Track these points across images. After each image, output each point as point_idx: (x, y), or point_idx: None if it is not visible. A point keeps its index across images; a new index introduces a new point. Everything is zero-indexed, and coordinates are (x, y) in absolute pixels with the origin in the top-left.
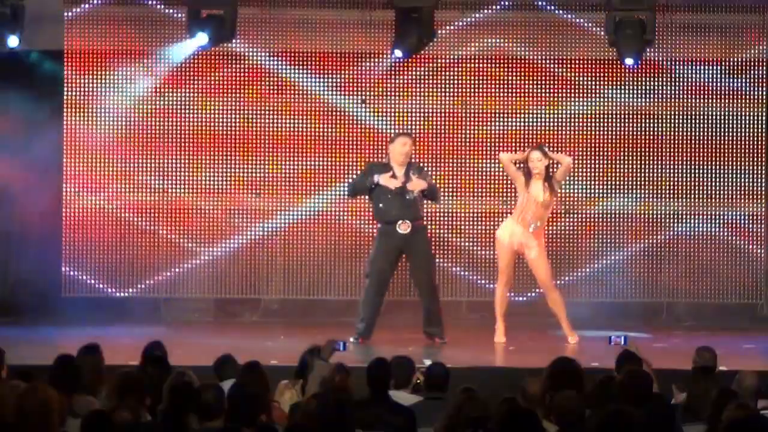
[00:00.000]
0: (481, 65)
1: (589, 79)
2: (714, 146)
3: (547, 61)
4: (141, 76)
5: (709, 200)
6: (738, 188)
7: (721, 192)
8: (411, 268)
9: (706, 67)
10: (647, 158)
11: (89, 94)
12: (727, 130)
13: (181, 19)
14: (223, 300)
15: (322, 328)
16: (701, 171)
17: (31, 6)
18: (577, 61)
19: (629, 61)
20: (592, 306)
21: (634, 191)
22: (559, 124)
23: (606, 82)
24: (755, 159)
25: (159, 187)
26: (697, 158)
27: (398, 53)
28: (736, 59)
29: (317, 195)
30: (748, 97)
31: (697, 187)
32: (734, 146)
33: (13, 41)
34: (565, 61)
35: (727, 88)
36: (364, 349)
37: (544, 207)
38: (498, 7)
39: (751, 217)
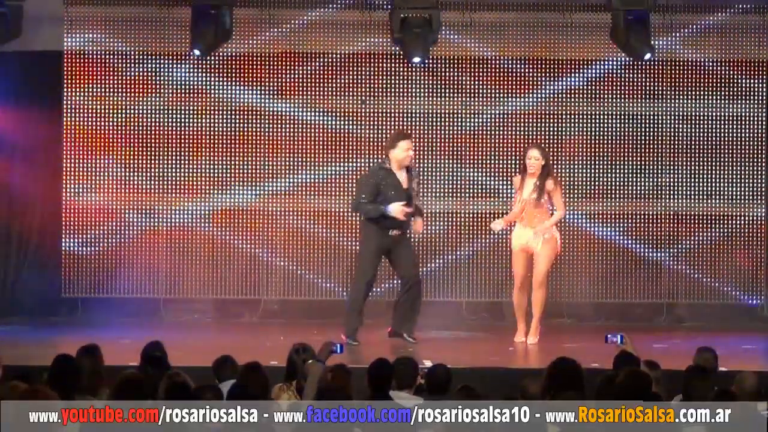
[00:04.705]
0: (481, 66)
1: (588, 80)
2: (714, 147)
3: (548, 62)
4: (140, 76)
5: (709, 201)
6: (738, 189)
7: (721, 193)
8: (400, 265)
9: (706, 68)
10: (647, 159)
11: (89, 94)
12: (727, 131)
13: (181, 20)
14: (223, 300)
15: (322, 328)
16: (701, 172)
17: (31, 6)
18: (577, 62)
19: (648, 57)
20: (592, 306)
21: (634, 192)
22: (559, 124)
23: (605, 83)
24: (755, 160)
25: (159, 187)
26: (697, 159)
27: (416, 60)
28: (736, 59)
29: (318, 196)
30: (748, 97)
31: (697, 188)
32: (734, 147)
33: None
34: (566, 63)
35: (727, 89)
36: (364, 350)
37: (532, 206)
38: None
39: (751, 218)
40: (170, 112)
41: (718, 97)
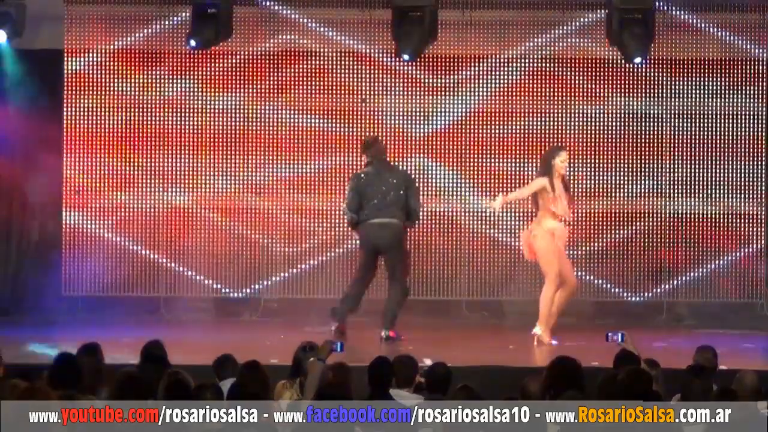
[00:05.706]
0: (483, 65)
1: (589, 79)
2: (714, 146)
3: (548, 62)
4: (140, 75)
5: (709, 200)
6: (738, 188)
7: (721, 191)
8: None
9: (706, 67)
10: (648, 157)
11: (89, 94)
12: (727, 129)
13: (181, 18)
14: (223, 299)
15: (322, 327)
16: (701, 170)
17: (32, 6)
18: (577, 62)
19: (638, 60)
20: (593, 305)
21: (635, 190)
22: (560, 123)
23: (605, 83)
24: (755, 158)
25: (158, 187)
26: (697, 158)
27: (405, 57)
28: (736, 59)
29: (318, 195)
30: (747, 96)
31: (697, 187)
32: (734, 146)
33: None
34: (566, 62)
35: (726, 88)
36: (364, 349)
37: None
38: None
39: (751, 217)
40: (171, 110)
41: (718, 97)
